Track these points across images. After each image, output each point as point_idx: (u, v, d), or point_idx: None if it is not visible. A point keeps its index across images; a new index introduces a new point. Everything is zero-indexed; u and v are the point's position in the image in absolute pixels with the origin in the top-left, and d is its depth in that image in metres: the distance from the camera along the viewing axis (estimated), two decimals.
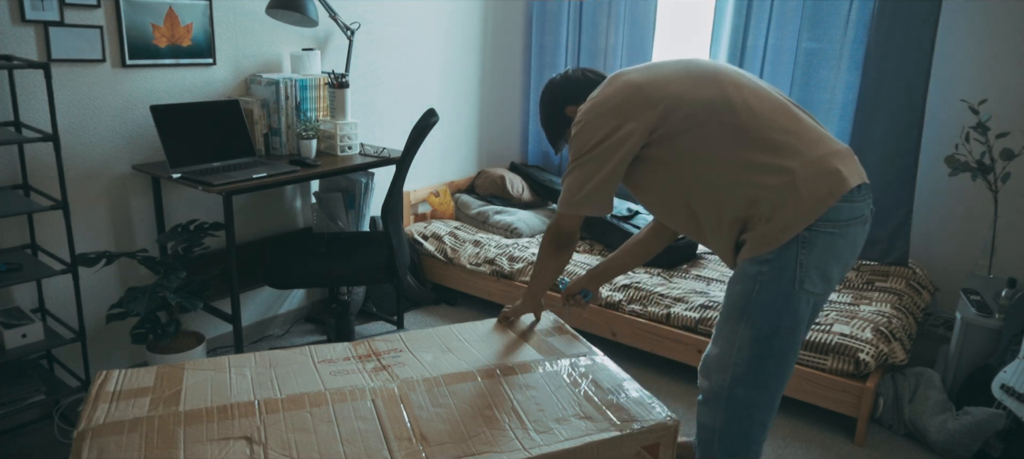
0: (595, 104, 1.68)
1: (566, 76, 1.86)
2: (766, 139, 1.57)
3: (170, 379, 1.64)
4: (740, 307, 1.64)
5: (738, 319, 1.65)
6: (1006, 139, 2.94)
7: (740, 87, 1.63)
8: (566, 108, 1.83)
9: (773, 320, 1.61)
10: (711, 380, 1.73)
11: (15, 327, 2.20)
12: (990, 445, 2.43)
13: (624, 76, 1.69)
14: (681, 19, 3.89)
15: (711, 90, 1.62)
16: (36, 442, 2.42)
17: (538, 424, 1.54)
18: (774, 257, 1.57)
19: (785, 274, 1.57)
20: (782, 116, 1.62)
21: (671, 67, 1.68)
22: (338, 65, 3.32)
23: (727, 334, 1.68)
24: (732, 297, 1.66)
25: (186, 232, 2.62)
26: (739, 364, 1.66)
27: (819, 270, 1.58)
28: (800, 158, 1.56)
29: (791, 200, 1.54)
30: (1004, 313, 2.61)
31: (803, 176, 1.54)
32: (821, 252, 1.56)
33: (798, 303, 1.60)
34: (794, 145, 1.57)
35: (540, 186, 4.00)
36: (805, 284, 1.58)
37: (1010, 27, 2.96)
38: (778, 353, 1.64)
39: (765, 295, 1.60)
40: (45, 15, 2.35)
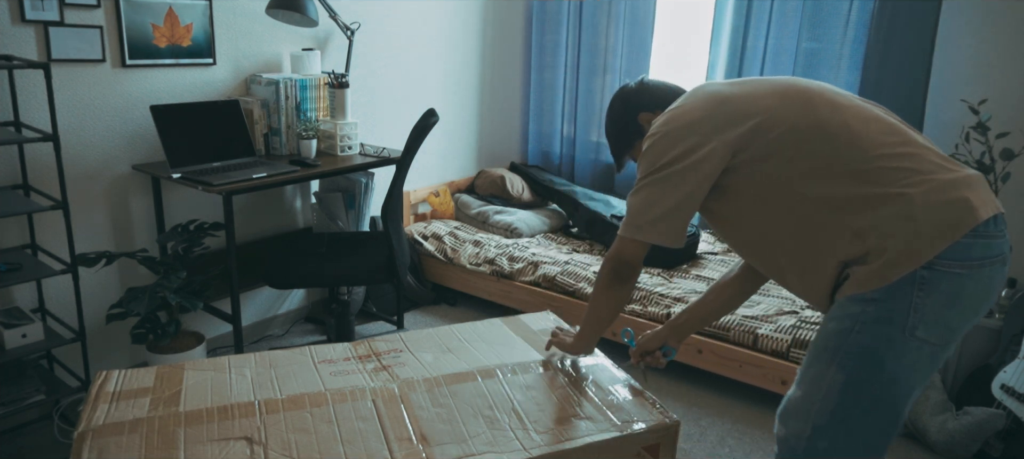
0: (673, 116, 1.48)
1: (643, 83, 1.68)
2: (871, 167, 1.34)
3: (170, 379, 1.64)
4: (832, 347, 1.39)
5: (828, 361, 1.40)
6: (1006, 139, 2.94)
7: (837, 107, 1.40)
8: (640, 115, 1.63)
9: (871, 366, 1.35)
10: (788, 427, 1.48)
11: (15, 327, 2.20)
12: (990, 445, 2.43)
13: (708, 88, 1.51)
14: (681, 19, 3.89)
15: (803, 112, 1.40)
16: (36, 442, 2.42)
17: (538, 424, 1.54)
18: (882, 296, 1.32)
19: (895, 317, 1.32)
20: (892, 137, 1.38)
21: (761, 84, 1.48)
22: (338, 65, 3.32)
23: (813, 376, 1.43)
24: (823, 335, 1.42)
25: (186, 232, 2.62)
26: (822, 412, 1.40)
27: (938, 317, 1.32)
28: (918, 182, 1.32)
29: (906, 230, 1.30)
30: (1004, 313, 2.61)
31: (922, 203, 1.30)
32: (943, 296, 1.30)
33: (905, 351, 1.34)
34: (909, 168, 1.34)
35: (540, 186, 4.00)
36: (918, 331, 1.32)
37: (1010, 27, 2.95)
38: (872, 404, 1.37)
39: (865, 337, 1.34)
40: (45, 15, 2.35)
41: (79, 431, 1.42)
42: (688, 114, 1.46)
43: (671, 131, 1.46)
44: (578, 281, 3.17)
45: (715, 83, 1.53)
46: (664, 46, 3.93)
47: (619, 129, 1.68)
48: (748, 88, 1.47)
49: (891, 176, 1.33)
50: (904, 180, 1.33)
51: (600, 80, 3.98)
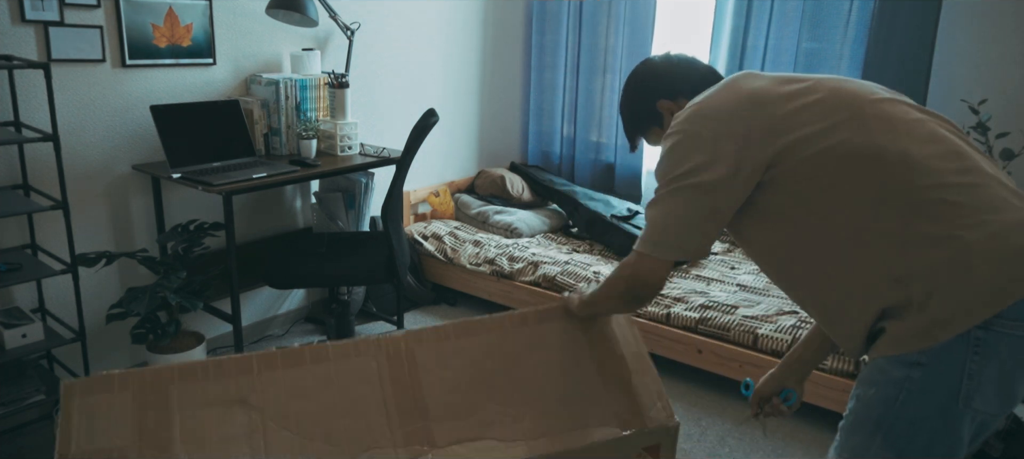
0: (700, 111, 1.26)
1: (670, 61, 1.45)
2: (922, 199, 1.12)
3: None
4: (875, 419, 1.19)
5: (871, 433, 1.20)
6: (1006, 139, 2.94)
7: (893, 125, 1.17)
8: (659, 102, 1.43)
9: (922, 443, 1.16)
10: None
11: (15, 327, 2.20)
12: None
13: (744, 84, 1.27)
14: (681, 19, 3.89)
15: (855, 129, 1.17)
16: (36, 442, 2.42)
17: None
18: (929, 360, 1.12)
19: (946, 384, 1.12)
20: (952, 163, 1.14)
21: (808, 89, 1.23)
22: (338, 65, 3.32)
23: (855, 448, 1.24)
24: (865, 403, 1.21)
25: (186, 232, 2.62)
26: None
27: (998, 385, 1.11)
28: (978, 224, 1.10)
29: (959, 283, 1.09)
30: None
31: (980, 251, 1.09)
32: (1004, 361, 1.10)
33: (961, 425, 1.14)
34: (969, 204, 1.11)
35: (540, 186, 4.00)
36: (974, 401, 1.12)
37: (1010, 27, 2.95)
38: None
39: (913, 409, 1.15)
40: (45, 15, 2.35)
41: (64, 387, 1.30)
42: (718, 112, 1.24)
43: (696, 133, 1.24)
44: (578, 281, 3.17)
45: (753, 77, 1.29)
46: (664, 46, 3.92)
47: (634, 111, 1.50)
48: (792, 90, 1.23)
49: (945, 212, 1.11)
50: (961, 219, 1.10)
51: (600, 80, 3.98)
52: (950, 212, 1.11)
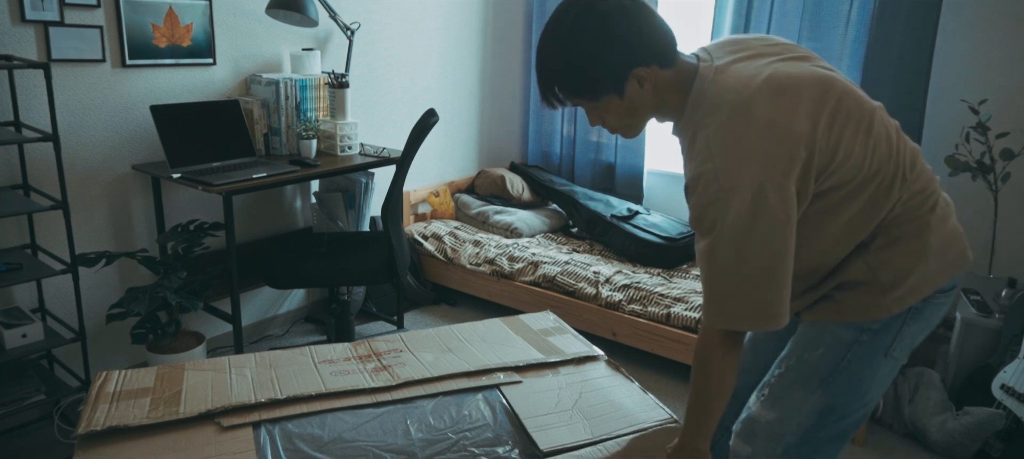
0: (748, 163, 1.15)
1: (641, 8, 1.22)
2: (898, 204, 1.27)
3: (170, 380, 1.64)
4: (822, 375, 1.35)
5: (814, 388, 1.36)
6: (1006, 139, 2.94)
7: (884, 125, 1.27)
8: (637, 69, 1.23)
9: (855, 393, 1.35)
10: (755, 446, 1.42)
11: (15, 327, 2.20)
12: (990, 445, 2.43)
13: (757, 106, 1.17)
14: (681, 19, 3.89)
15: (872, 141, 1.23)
16: (36, 442, 2.42)
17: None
18: (881, 327, 1.32)
19: (882, 342, 1.33)
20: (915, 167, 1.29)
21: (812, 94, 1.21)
22: (338, 65, 3.32)
23: (793, 400, 1.38)
24: (810, 363, 1.36)
25: (186, 232, 2.62)
26: (794, 432, 1.38)
27: (912, 339, 1.36)
28: (928, 216, 1.29)
29: (919, 269, 1.29)
30: (1004, 313, 2.61)
31: (935, 243, 1.29)
32: (924, 322, 1.34)
33: (881, 372, 1.36)
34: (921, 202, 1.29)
35: (540, 186, 4.00)
36: (894, 352, 1.34)
37: (1010, 27, 2.95)
38: (842, 429, 1.38)
39: (857, 364, 1.34)
40: (45, 15, 2.35)
41: (79, 432, 1.42)
42: (761, 162, 1.15)
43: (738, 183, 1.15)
44: (578, 281, 3.17)
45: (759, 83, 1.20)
46: None
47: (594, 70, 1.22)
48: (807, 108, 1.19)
49: (913, 214, 1.28)
50: (921, 217, 1.28)
51: None
52: (915, 211, 1.28)
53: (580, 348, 1.90)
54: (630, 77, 1.23)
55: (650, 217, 3.61)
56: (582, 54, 1.21)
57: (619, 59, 1.21)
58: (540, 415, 1.57)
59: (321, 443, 1.45)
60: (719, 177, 1.16)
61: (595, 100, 1.27)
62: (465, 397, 1.64)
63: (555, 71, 1.25)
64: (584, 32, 1.20)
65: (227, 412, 1.51)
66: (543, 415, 1.57)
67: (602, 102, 1.27)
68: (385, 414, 1.56)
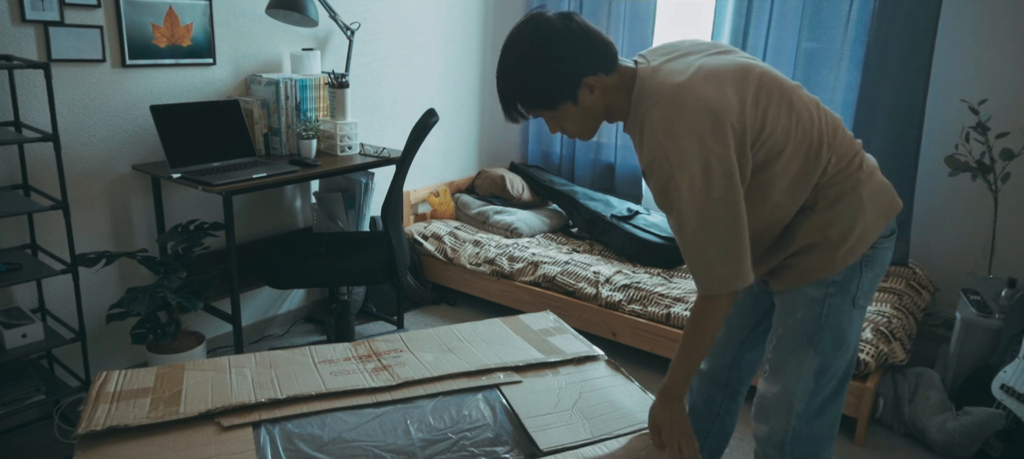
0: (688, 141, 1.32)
1: (580, 29, 1.38)
2: (831, 168, 1.45)
3: (170, 379, 1.64)
4: (807, 335, 1.50)
5: (805, 349, 1.50)
6: (1006, 139, 2.94)
7: (804, 101, 1.44)
8: (587, 78, 1.39)
9: (840, 343, 1.50)
10: (771, 423, 1.55)
11: (15, 327, 2.20)
12: (990, 445, 2.43)
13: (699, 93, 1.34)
14: (681, 19, 3.89)
15: (795, 113, 1.41)
16: (36, 442, 2.42)
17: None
18: (842, 278, 1.47)
19: (850, 294, 1.49)
20: (839, 133, 1.47)
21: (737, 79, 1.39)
22: (338, 65, 3.32)
23: (791, 368, 1.52)
24: (793, 323, 1.51)
25: (186, 232, 2.62)
26: (802, 397, 1.51)
27: (872, 285, 1.52)
28: (858, 173, 1.46)
29: (861, 220, 1.46)
30: (1004, 313, 2.61)
31: (867, 195, 1.46)
32: (878, 268, 1.51)
33: (854, 321, 1.52)
34: (850, 160, 1.46)
35: (540, 186, 4.00)
36: (860, 300, 1.50)
37: (1010, 27, 2.95)
38: (840, 375, 1.53)
39: (834, 318, 1.49)
40: (45, 15, 2.35)
41: (79, 432, 1.42)
42: (697, 136, 1.31)
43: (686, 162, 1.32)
44: (578, 281, 3.17)
45: (690, 74, 1.37)
46: None
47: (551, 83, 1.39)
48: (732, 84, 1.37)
49: (843, 173, 1.46)
50: (852, 175, 1.46)
51: None
52: (846, 171, 1.45)
53: (580, 348, 1.90)
54: (582, 85, 1.40)
55: (650, 217, 3.61)
56: (539, 71, 1.39)
57: (570, 71, 1.38)
58: (540, 415, 1.57)
59: (321, 443, 1.45)
60: (669, 158, 1.33)
61: (554, 110, 1.43)
62: (465, 397, 1.64)
63: (516, 89, 1.42)
64: (538, 52, 1.37)
65: (227, 412, 1.51)
66: (543, 415, 1.57)
67: (560, 111, 1.43)
68: (385, 414, 1.56)
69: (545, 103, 1.42)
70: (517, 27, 1.41)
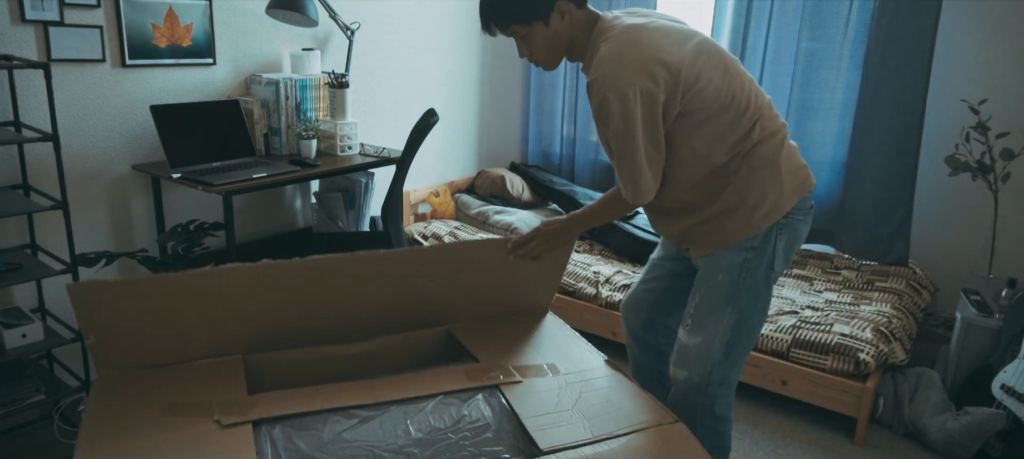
0: (627, 67, 1.54)
1: None
2: (754, 133, 1.63)
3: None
4: (726, 296, 1.69)
5: (724, 306, 1.69)
6: (1006, 139, 2.94)
7: (742, 76, 1.64)
8: (561, 2, 1.62)
9: (756, 303, 1.70)
10: (690, 369, 1.76)
11: (15, 327, 2.20)
12: (990, 445, 2.43)
13: (643, 36, 1.57)
14: (681, 19, 3.88)
15: (728, 76, 1.61)
16: (36, 442, 2.42)
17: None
18: (759, 244, 1.66)
19: (766, 259, 1.67)
20: (760, 99, 1.66)
21: (685, 38, 1.61)
22: (338, 65, 3.32)
23: (711, 323, 1.71)
24: (714, 286, 1.70)
25: (186, 232, 2.62)
26: (719, 348, 1.72)
27: (786, 254, 1.70)
28: (778, 146, 1.65)
29: (776, 188, 1.64)
30: (1004, 313, 2.61)
31: (784, 166, 1.65)
32: (791, 237, 1.69)
33: (769, 284, 1.71)
34: (771, 131, 1.65)
35: (540, 186, 4.00)
36: (775, 266, 1.70)
37: (1010, 27, 2.96)
38: (752, 333, 1.74)
39: (751, 279, 1.67)
40: (45, 15, 2.35)
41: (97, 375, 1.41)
42: (636, 68, 1.53)
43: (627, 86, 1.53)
44: (578, 281, 3.17)
45: (635, 22, 1.60)
46: None
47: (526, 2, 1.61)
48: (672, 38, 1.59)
49: (768, 143, 1.63)
50: (774, 148, 1.63)
51: None
52: (767, 140, 1.62)
53: (580, 348, 1.90)
54: (555, 7, 1.62)
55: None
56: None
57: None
58: (540, 415, 1.57)
59: (321, 443, 1.45)
60: (607, 82, 1.54)
61: (527, 24, 1.63)
62: (465, 397, 1.64)
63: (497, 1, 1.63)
64: None
65: (227, 412, 1.51)
66: (543, 415, 1.57)
67: (532, 28, 1.63)
68: (385, 414, 1.56)
69: (520, 16, 1.62)
70: None
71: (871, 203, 3.23)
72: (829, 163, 3.34)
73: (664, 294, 1.95)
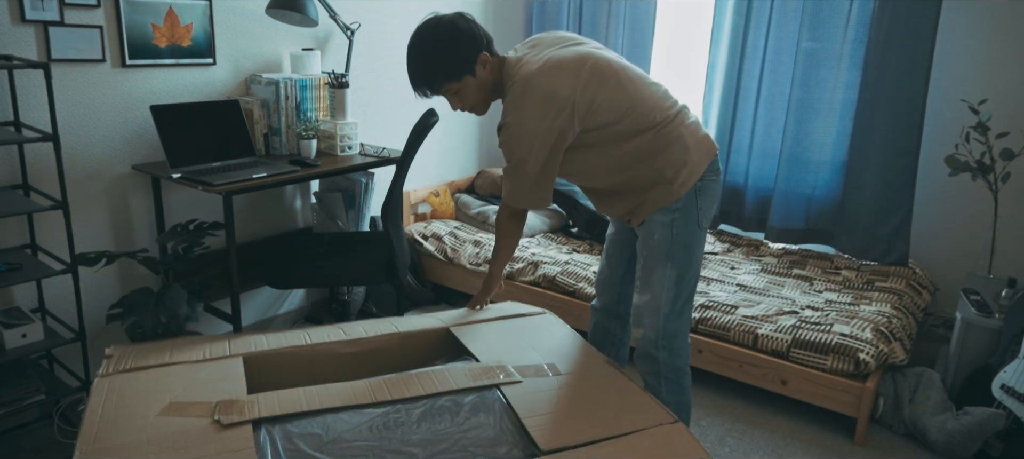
0: (528, 117, 1.79)
1: (469, 20, 1.88)
2: (658, 123, 1.85)
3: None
4: (664, 252, 1.91)
5: (664, 263, 1.91)
6: (1006, 139, 2.94)
7: (633, 82, 1.85)
8: (482, 53, 1.86)
9: (688, 255, 1.92)
10: (645, 325, 1.96)
11: (15, 327, 2.20)
12: (990, 445, 2.43)
13: (536, 83, 1.78)
14: (681, 19, 3.89)
15: (618, 91, 1.82)
16: (36, 442, 2.42)
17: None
18: (682, 205, 1.89)
19: (691, 217, 1.90)
20: (658, 93, 1.89)
21: (575, 70, 1.80)
22: (338, 65, 3.32)
23: (656, 279, 1.93)
24: (653, 246, 1.92)
25: (186, 232, 2.61)
26: (667, 302, 1.92)
27: (708, 211, 1.95)
28: (680, 127, 1.89)
29: (688, 161, 1.88)
30: (1004, 313, 2.61)
31: (691, 141, 1.89)
32: (708, 196, 1.93)
33: (699, 238, 1.95)
34: (673, 117, 1.88)
35: None
36: (702, 223, 1.93)
37: (1010, 27, 2.96)
38: (690, 284, 1.96)
39: (682, 236, 1.90)
40: (45, 15, 2.35)
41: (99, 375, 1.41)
42: (536, 115, 1.78)
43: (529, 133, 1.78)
44: (578, 281, 3.17)
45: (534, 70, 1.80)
46: (664, 46, 3.92)
47: (452, 60, 1.85)
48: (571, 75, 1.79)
49: (669, 127, 1.87)
50: (676, 128, 1.88)
51: None
52: (671, 126, 1.87)
53: (580, 348, 1.90)
54: (478, 60, 1.85)
55: None
56: (447, 50, 1.85)
57: (470, 47, 1.85)
58: (540, 415, 1.57)
59: (321, 443, 1.45)
60: (512, 127, 1.81)
61: (458, 81, 1.86)
62: (465, 397, 1.64)
63: (427, 66, 1.87)
64: (447, 36, 1.84)
65: (227, 411, 1.51)
66: (543, 415, 1.57)
67: (463, 83, 1.87)
68: (385, 414, 1.56)
69: (452, 75, 1.86)
70: (421, 27, 1.87)
71: (871, 203, 3.23)
72: (829, 163, 3.34)
73: (628, 266, 2.15)
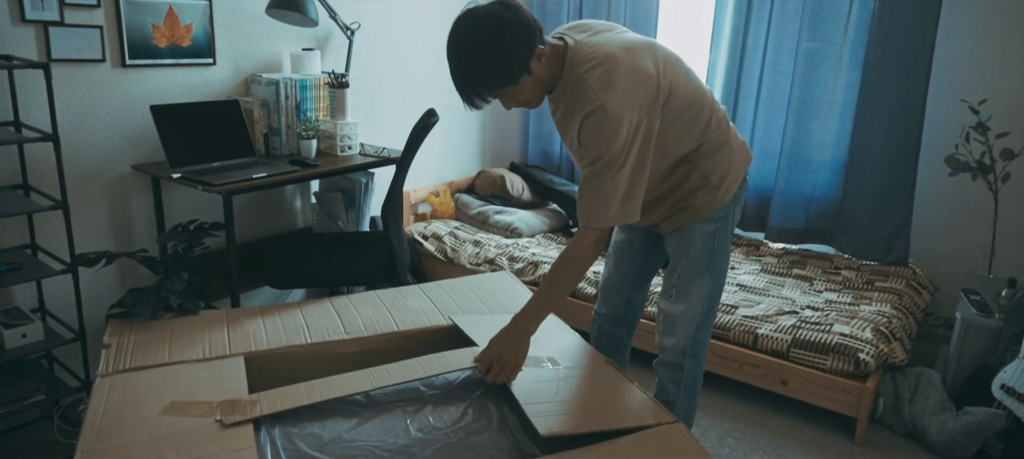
0: (621, 95, 1.57)
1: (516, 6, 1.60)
2: (711, 125, 1.77)
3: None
4: (705, 262, 1.84)
5: (703, 273, 1.85)
6: (1006, 139, 2.94)
7: (690, 69, 1.77)
8: (537, 48, 1.61)
9: (724, 266, 1.90)
10: (677, 334, 1.89)
11: (15, 327, 2.20)
12: (990, 445, 2.43)
13: (626, 60, 1.60)
14: (682, 19, 3.89)
15: (689, 79, 1.73)
16: (36, 442, 2.42)
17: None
18: (723, 214, 1.84)
19: (729, 227, 1.87)
20: (709, 90, 1.81)
21: (649, 52, 1.67)
22: (338, 65, 3.32)
23: (694, 290, 1.86)
24: (694, 256, 1.84)
25: (186, 232, 2.61)
26: (701, 312, 1.88)
27: (738, 217, 1.91)
28: (727, 131, 1.83)
29: (733, 167, 1.82)
30: (1004, 313, 2.61)
31: (736, 148, 1.84)
32: (741, 204, 1.91)
33: (728, 245, 1.91)
34: (721, 119, 1.81)
35: (540, 186, 4.00)
36: (733, 229, 1.91)
37: (1010, 27, 2.96)
38: (721, 293, 1.93)
39: (722, 246, 1.86)
40: (45, 15, 2.35)
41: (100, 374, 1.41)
42: (635, 92, 1.59)
43: (627, 116, 1.58)
44: None
45: (619, 47, 1.63)
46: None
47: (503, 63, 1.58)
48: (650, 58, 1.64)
49: (719, 129, 1.79)
50: (724, 131, 1.81)
51: None
52: (719, 129, 1.79)
53: (580, 347, 1.90)
54: (534, 56, 1.60)
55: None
56: (502, 53, 1.57)
57: (526, 45, 1.58)
58: (540, 402, 1.57)
59: (321, 443, 1.45)
60: (607, 110, 1.57)
61: (516, 83, 1.62)
62: (465, 396, 1.64)
63: (474, 74, 1.61)
64: (497, 38, 1.56)
65: (228, 410, 1.51)
66: (543, 403, 1.58)
67: (520, 83, 1.62)
68: (385, 414, 1.56)
69: (511, 79, 1.60)
70: (462, 25, 1.60)
71: (871, 203, 3.23)
72: (829, 163, 3.34)
73: (640, 273, 2.10)
